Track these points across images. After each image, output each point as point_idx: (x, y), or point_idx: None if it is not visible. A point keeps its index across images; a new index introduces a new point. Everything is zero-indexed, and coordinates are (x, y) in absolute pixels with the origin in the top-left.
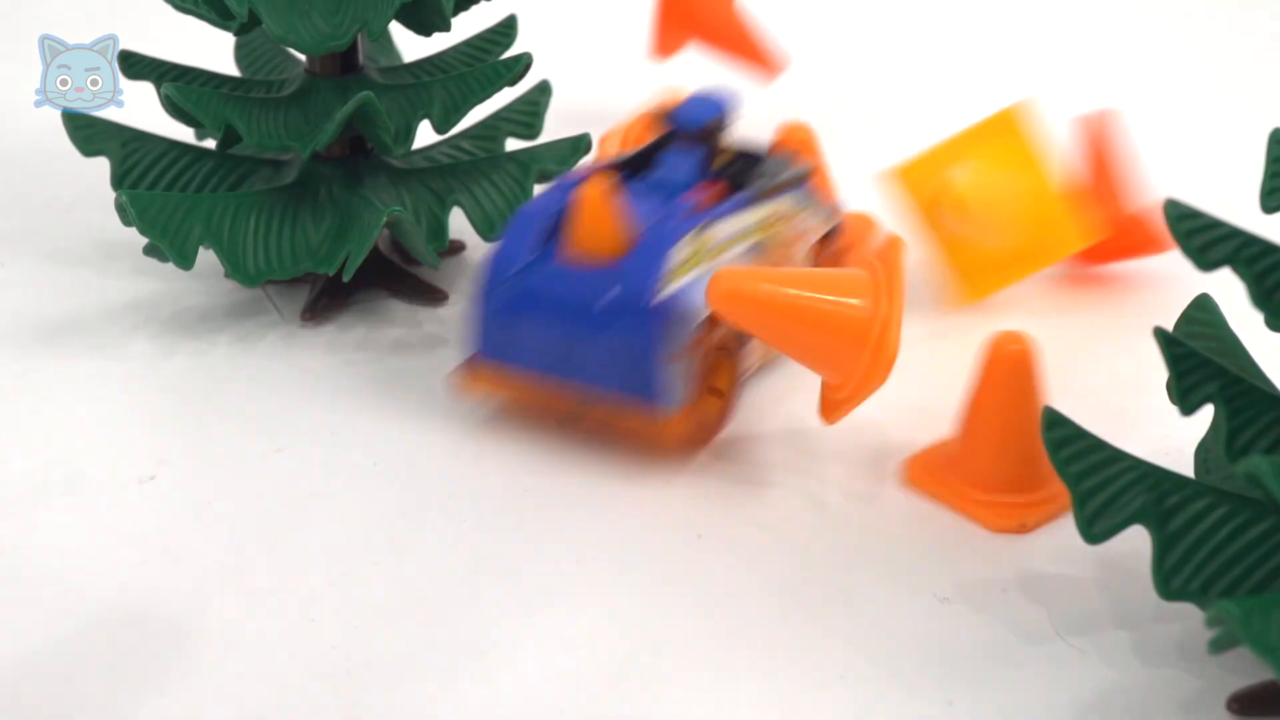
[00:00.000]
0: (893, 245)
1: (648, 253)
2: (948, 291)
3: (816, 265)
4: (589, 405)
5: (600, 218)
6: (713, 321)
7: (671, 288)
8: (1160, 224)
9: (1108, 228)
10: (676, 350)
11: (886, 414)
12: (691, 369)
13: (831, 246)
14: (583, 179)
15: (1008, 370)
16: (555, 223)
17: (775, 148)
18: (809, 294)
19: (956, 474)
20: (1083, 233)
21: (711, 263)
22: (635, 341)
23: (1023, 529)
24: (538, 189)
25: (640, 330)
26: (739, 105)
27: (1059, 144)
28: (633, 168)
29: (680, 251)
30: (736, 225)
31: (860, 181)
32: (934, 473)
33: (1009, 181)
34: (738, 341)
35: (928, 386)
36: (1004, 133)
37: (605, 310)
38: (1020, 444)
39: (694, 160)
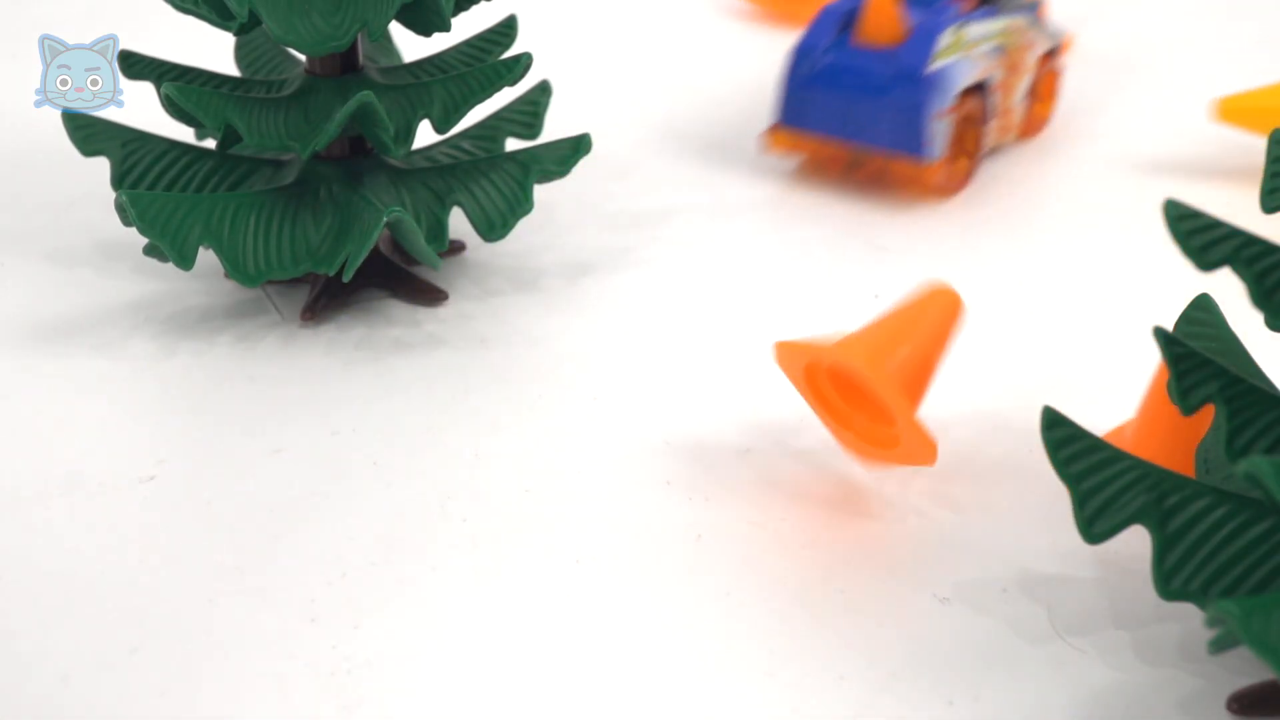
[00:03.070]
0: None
1: (921, 38)
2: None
3: (1040, 73)
4: (868, 157)
5: (885, 12)
6: (965, 96)
7: (937, 65)
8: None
9: None
10: (939, 112)
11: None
12: (949, 130)
13: (1051, 62)
14: None
15: None
16: (848, 19)
17: None
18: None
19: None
20: None
21: (967, 53)
22: (909, 103)
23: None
24: None
25: (913, 94)
26: None
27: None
28: None
29: (945, 40)
30: (986, 29)
31: None
32: None
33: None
34: (984, 114)
35: None
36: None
37: (888, 78)
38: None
39: None
